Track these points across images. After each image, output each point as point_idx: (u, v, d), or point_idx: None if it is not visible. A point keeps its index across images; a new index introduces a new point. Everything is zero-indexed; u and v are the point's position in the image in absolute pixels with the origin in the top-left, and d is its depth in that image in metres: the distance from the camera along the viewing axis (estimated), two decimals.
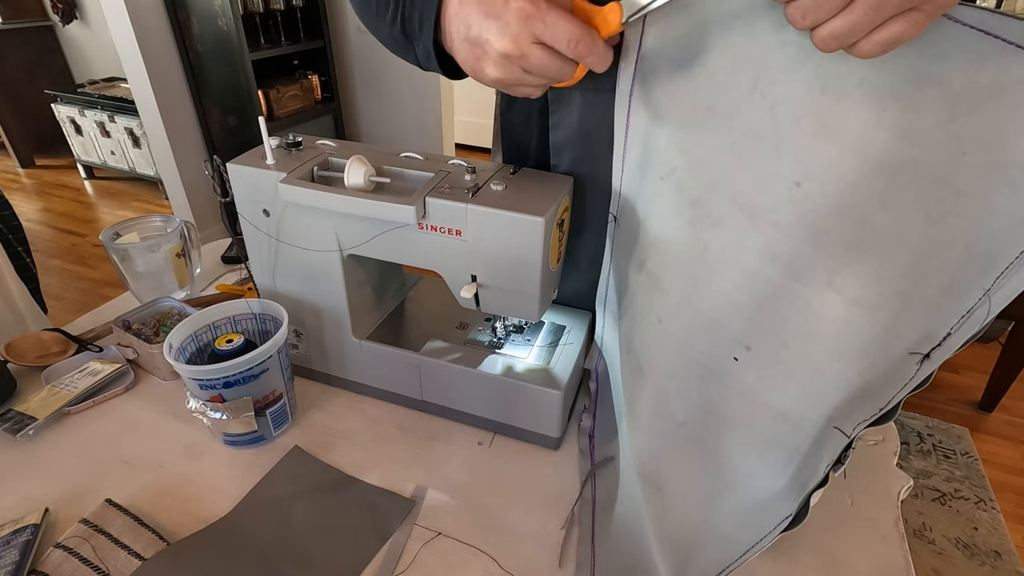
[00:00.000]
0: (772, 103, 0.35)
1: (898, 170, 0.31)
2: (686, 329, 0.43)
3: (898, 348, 0.34)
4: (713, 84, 0.38)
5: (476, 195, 0.49)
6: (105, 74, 3.22)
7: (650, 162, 0.44)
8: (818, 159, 0.33)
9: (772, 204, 0.36)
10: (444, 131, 2.90)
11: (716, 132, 0.38)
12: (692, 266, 0.42)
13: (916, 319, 0.33)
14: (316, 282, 0.60)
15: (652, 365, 0.46)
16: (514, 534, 0.51)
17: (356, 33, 2.75)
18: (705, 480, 0.43)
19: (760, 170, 0.36)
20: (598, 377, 0.59)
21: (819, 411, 0.38)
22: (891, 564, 0.49)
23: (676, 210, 0.42)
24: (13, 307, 0.91)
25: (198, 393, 0.54)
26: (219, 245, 0.96)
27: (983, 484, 1.46)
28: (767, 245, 0.37)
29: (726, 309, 0.40)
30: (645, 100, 0.43)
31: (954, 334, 0.32)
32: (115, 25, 2.11)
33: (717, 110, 0.38)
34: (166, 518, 0.51)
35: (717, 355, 0.41)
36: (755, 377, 0.40)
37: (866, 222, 0.33)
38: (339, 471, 0.56)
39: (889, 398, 0.35)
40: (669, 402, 0.45)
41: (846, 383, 0.36)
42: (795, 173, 0.35)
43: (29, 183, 3.21)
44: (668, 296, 0.44)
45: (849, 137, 0.32)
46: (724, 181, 0.39)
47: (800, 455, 0.39)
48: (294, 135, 0.58)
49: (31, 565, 0.46)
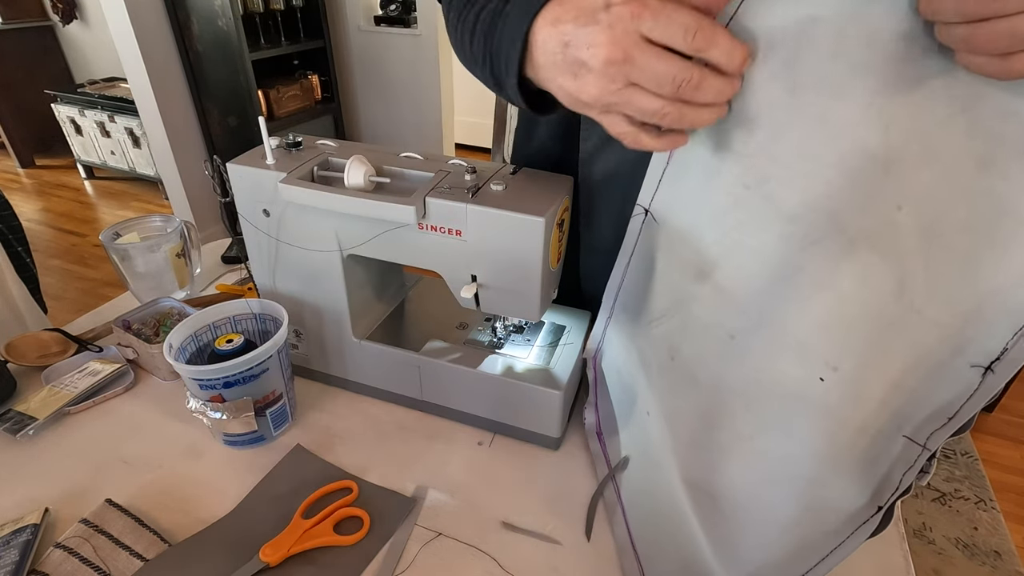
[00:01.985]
0: (888, 121, 0.34)
1: (977, 198, 0.33)
2: (767, 348, 0.42)
3: (961, 362, 0.35)
4: (822, 91, 0.35)
5: (476, 195, 0.49)
6: (105, 74, 3.22)
7: (726, 164, 0.41)
8: (917, 185, 0.34)
9: (874, 227, 0.36)
10: (444, 131, 2.90)
11: (824, 146, 0.36)
12: (782, 285, 0.40)
13: (978, 336, 0.35)
14: (316, 282, 0.60)
15: (716, 380, 0.45)
16: (514, 534, 0.51)
17: (356, 33, 2.76)
18: (771, 490, 0.43)
19: (865, 191, 0.36)
20: (596, 366, 0.59)
21: (893, 423, 0.39)
22: (891, 564, 0.49)
23: (765, 224, 0.40)
24: (13, 307, 0.91)
25: (198, 393, 0.54)
26: (219, 245, 0.96)
27: (983, 484, 1.46)
28: (864, 268, 0.37)
29: (816, 331, 0.39)
30: None
31: (1011, 350, 0.33)
32: (115, 25, 2.11)
33: (828, 122, 0.36)
34: (166, 518, 0.51)
35: (800, 376, 0.41)
36: (839, 396, 0.40)
37: (949, 247, 0.34)
38: (341, 470, 0.56)
39: (957, 408, 0.36)
40: (736, 417, 0.44)
41: (916, 396, 0.37)
42: (898, 197, 0.35)
43: (29, 183, 3.21)
44: (746, 313, 0.42)
45: (945, 164, 0.33)
46: (828, 200, 0.37)
47: (874, 466, 0.40)
48: (294, 135, 0.58)
49: (31, 565, 0.46)
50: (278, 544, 0.48)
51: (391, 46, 2.73)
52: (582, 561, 0.49)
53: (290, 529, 0.49)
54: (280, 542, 0.48)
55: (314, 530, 0.49)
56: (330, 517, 0.50)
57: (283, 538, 0.48)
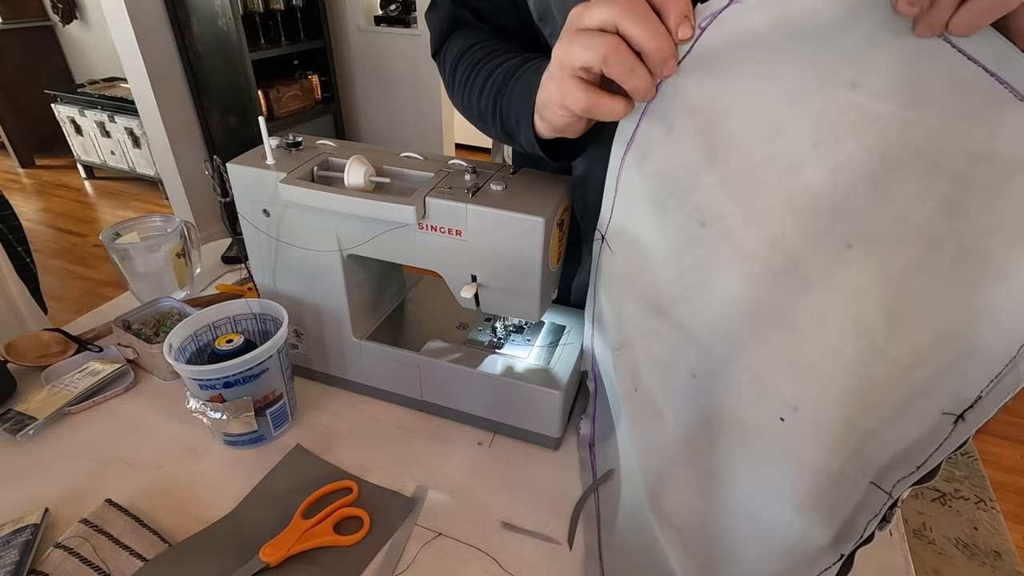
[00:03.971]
0: (834, 164, 0.34)
1: (940, 240, 0.33)
2: (729, 388, 0.41)
3: (932, 408, 0.35)
4: (776, 132, 0.35)
5: (476, 195, 0.49)
6: (105, 74, 3.22)
7: (680, 202, 0.40)
8: (867, 225, 0.34)
9: (825, 264, 0.36)
10: (444, 131, 2.90)
11: (774, 185, 0.36)
12: (742, 324, 0.40)
13: (948, 381, 0.34)
14: (316, 282, 0.60)
15: (679, 418, 0.45)
16: (514, 534, 0.51)
17: (356, 33, 2.76)
18: (735, 527, 0.43)
19: (815, 229, 0.36)
20: (596, 377, 0.59)
21: (857, 468, 0.39)
22: (891, 564, 0.49)
23: (725, 262, 0.39)
24: (13, 307, 0.91)
25: (198, 393, 0.54)
26: (219, 245, 0.96)
27: (983, 484, 1.46)
28: (819, 305, 0.37)
29: (776, 369, 0.39)
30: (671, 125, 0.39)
31: (985, 397, 0.33)
32: (115, 25, 2.11)
33: (776, 162, 0.36)
34: (166, 518, 0.51)
35: (762, 416, 0.41)
36: (800, 437, 0.40)
37: (908, 288, 0.34)
38: (341, 470, 0.56)
39: (927, 456, 0.36)
40: (700, 455, 0.44)
41: (883, 441, 0.37)
42: (847, 235, 0.35)
43: (29, 183, 3.21)
44: (708, 353, 0.42)
45: (898, 206, 0.33)
46: (783, 238, 0.37)
47: (839, 510, 0.40)
48: (294, 135, 0.58)
49: (31, 565, 0.46)
50: (278, 544, 0.48)
51: (391, 46, 2.73)
52: (582, 561, 0.49)
53: (290, 529, 0.49)
54: (280, 542, 0.48)
55: (314, 530, 0.49)
56: (330, 517, 0.50)
57: (283, 538, 0.48)
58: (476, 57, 0.54)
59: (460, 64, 0.56)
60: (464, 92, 0.55)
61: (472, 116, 0.56)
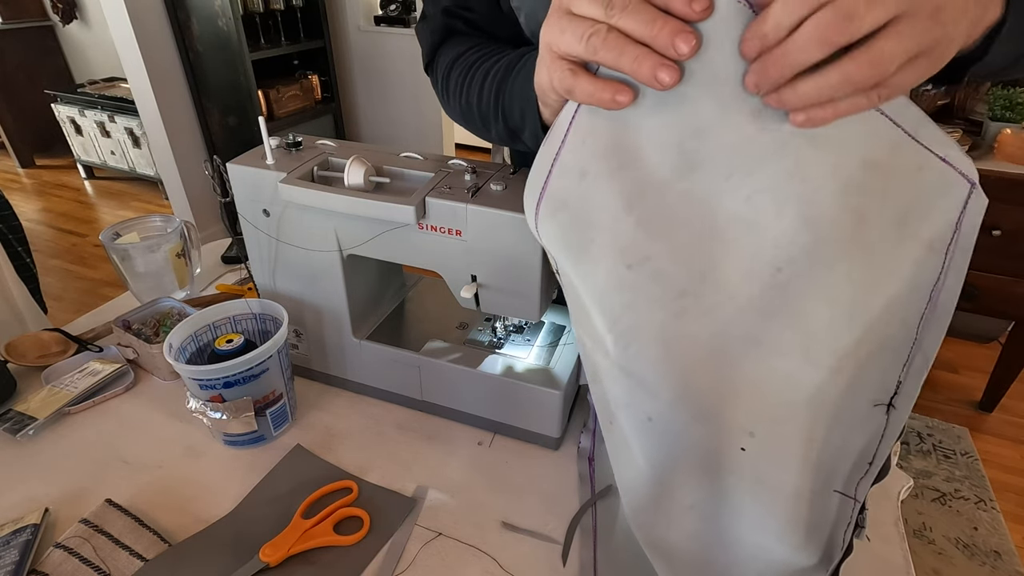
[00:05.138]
0: (749, 192, 0.35)
1: (855, 249, 0.35)
2: (686, 427, 0.41)
3: (864, 403, 0.38)
4: (689, 167, 0.35)
5: (476, 195, 0.49)
6: (105, 74, 3.22)
7: (603, 247, 0.39)
8: (793, 246, 0.35)
9: (757, 291, 0.37)
10: (444, 131, 2.90)
11: (694, 221, 0.37)
12: (684, 362, 0.40)
13: (870, 375, 0.37)
14: (316, 282, 0.60)
15: (647, 456, 0.44)
16: (514, 534, 0.51)
17: (356, 33, 2.76)
18: (723, 553, 0.44)
19: (743, 258, 0.36)
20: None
21: (821, 480, 0.40)
22: (891, 564, 0.49)
23: (658, 304, 0.39)
24: (13, 307, 0.91)
25: (198, 393, 0.54)
26: (219, 245, 0.96)
27: (983, 484, 1.46)
28: (752, 329, 0.38)
29: (724, 400, 0.40)
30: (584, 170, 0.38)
31: (904, 382, 0.36)
32: (115, 25, 2.11)
33: (693, 197, 0.36)
34: (166, 518, 0.51)
35: (723, 449, 0.41)
36: (763, 462, 0.41)
37: (832, 299, 0.36)
38: (341, 470, 0.56)
39: (874, 450, 0.38)
40: (675, 491, 0.44)
41: (834, 447, 0.39)
42: (776, 259, 0.36)
43: (29, 183, 3.21)
44: (657, 397, 0.41)
45: (824, 224, 0.34)
46: (712, 271, 0.37)
47: (818, 530, 0.41)
48: (294, 135, 0.58)
49: (31, 565, 0.46)
50: (278, 544, 0.48)
51: (391, 46, 2.73)
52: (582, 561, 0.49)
53: (290, 529, 0.49)
54: (280, 542, 0.48)
55: (314, 530, 0.49)
56: (330, 517, 0.50)
57: (283, 538, 0.48)
58: (472, 59, 0.54)
59: (454, 70, 0.55)
60: (462, 96, 0.54)
61: (473, 120, 0.55)
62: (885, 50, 0.26)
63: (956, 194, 0.32)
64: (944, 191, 0.32)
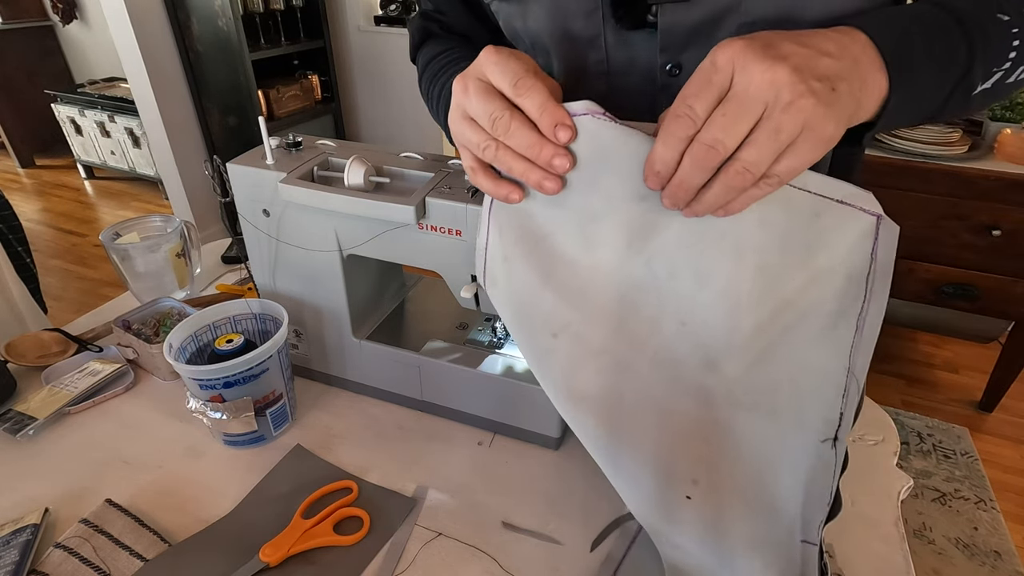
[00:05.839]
0: (648, 257, 0.38)
1: (762, 300, 0.37)
2: (635, 479, 0.44)
3: (811, 440, 0.39)
4: (592, 244, 0.39)
5: (476, 195, 0.49)
6: (105, 74, 3.22)
7: (532, 318, 0.43)
8: (697, 303, 0.38)
9: (666, 344, 0.40)
10: (444, 131, 2.89)
11: (603, 288, 0.40)
12: (617, 415, 0.43)
13: (812, 411, 0.38)
14: (316, 282, 0.60)
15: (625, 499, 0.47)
16: (514, 534, 0.51)
17: (356, 33, 2.76)
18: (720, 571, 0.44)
19: (649, 316, 0.40)
20: None
21: (784, 529, 0.41)
22: (891, 564, 0.49)
23: (581, 363, 0.43)
24: (13, 307, 0.91)
25: (198, 393, 0.54)
26: (219, 245, 0.96)
27: (983, 484, 1.46)
28: (673, 381, 0.41)
29: (662, 450, 0.42)
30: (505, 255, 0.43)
31: (845, 412, 0.37)
32: (115, 25, 2.11)
33: (600, 269, 0.40)
34: (166, 518, 0.51)
35: (670, 499, 0.43)
36: (714, 511, 0.42)
37: (747, 346, 0.38)
38: (341, 470, 0.56)
39: (829, 490, 0.39)
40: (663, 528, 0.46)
41: (788, 489, 0.40)
42: (679, 313, 0.39)
43: (29, 183, 3.21)
44: (601, 453, 0.45)
45: (720, 283, 0.37)
46: (623, 330, 0.41)
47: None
48: (294, 135, 0.58)
49: (31, 565, 0.46)
50: (278, 544, 0.48)
51: (391, 46, 2.73)
52: (582, 561, 0.49)
53: (290, 529, 0.49)
54: (280, 542, 0.48)
55: (314, 530, 0.49)
56: (330, 517, 0.50)
57: (283, 538, 0.48)
58: (439, 66, 0.56)
59: (425, 74, 0.58)
60: (430, 101, 0.57)
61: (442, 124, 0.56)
62: (749, 159, 0.29)
63: (862, 228, 0.34)
64: (848, 228, 0.34)
